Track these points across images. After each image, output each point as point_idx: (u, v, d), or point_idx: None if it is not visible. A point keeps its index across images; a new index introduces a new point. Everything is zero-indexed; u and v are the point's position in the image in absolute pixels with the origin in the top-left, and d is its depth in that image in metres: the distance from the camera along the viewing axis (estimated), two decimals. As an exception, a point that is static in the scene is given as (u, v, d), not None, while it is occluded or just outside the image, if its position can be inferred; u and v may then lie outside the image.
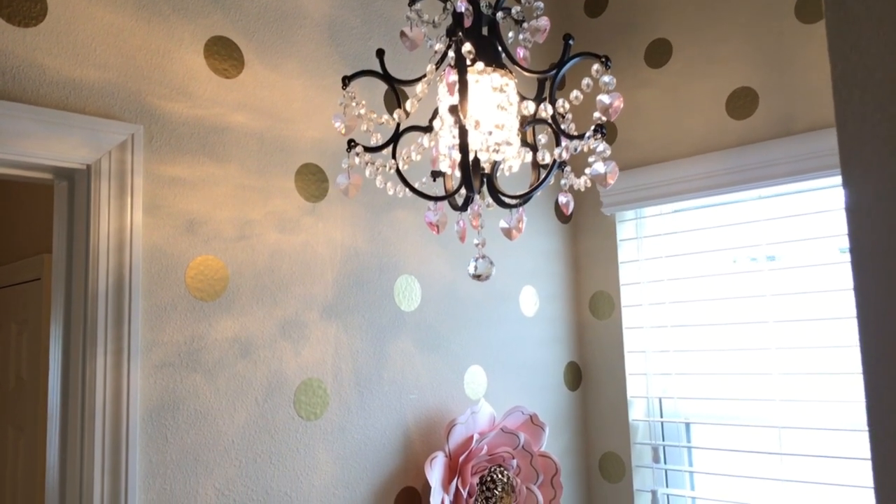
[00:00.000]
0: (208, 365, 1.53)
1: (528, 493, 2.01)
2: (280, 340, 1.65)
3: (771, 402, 2.03)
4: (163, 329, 1.47)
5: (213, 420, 1.52)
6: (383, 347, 1.85)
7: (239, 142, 1.64)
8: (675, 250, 2.28)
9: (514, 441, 2.00)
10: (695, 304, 2.23)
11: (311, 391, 1.69)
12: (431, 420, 1.94)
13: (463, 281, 2.07)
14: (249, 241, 1.63)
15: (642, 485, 2.29)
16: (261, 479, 1.58)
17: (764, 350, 2.06)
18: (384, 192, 1.91)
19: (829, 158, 1.90)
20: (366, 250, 1.85)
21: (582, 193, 2.46)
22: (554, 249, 2.39)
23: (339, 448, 1.72)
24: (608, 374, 2.36)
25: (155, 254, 1.48)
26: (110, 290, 1.38)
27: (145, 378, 1.43)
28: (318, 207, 1.76)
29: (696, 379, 2.21)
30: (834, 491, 1.93)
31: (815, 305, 2.00)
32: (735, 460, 2.13)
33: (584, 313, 2.44)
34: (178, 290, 1.50)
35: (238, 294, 1.60)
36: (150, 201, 1.48)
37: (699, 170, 2.14)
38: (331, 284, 1.76)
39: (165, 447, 1.45)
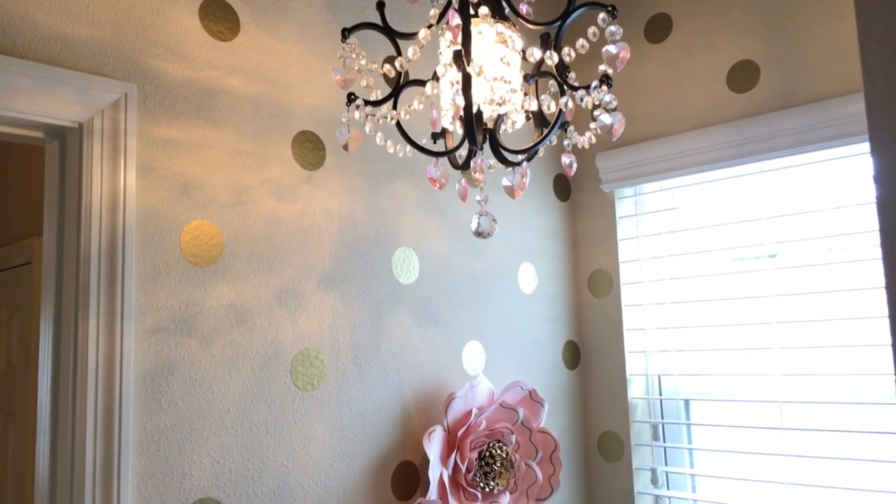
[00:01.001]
0: (203, 331, 1.50)
1: (526, 469, 1.99)
2: (277, 309, 1.62)
3: (771, 376, 2.02)
4: (157, 293, 1.44)
5: (209, 387, 1.49)
6: (381, 319, 1.82)
7: (234, 106, 1.60)
8: (674, 226, 2.26)
9: (513, 416, 1.97)
10: (694, 280, 2.21)
11: (309, 361, 1.66)
12: (429, 394, 1.91)
13: (462, 256, 2.05)
14: (245, 208, 1.60)
15: (641, 463, 2.27)
16: (257, 449, 1.55)
17: (764, 325, 2.04)
18: (382, 163, 1.88)
19: (832, 129, 1.89)
20: (363, 221, 1.82)
21: (581, 171, 2.44)
22: (553, 227, 2.36)
23: (336, 420, 1.70)
24: (607, 352, 2.34)
25: (149, 216, 1.44)
26: (103, 251, 1.34)
27: (139, 342, 1.40)
28: (314, 176, 1.73)
29: (695, 355, 2.19)
30: (836, 465, 1.91)
31: (817, 279, 1.98)
32: (735, 436, 2.12)
33: (582, 292, 2.41)
34: (173, 254, 1.47)
35: (234, 260, 1.56)
36: (143, 163, 1.44)
37: (700, 144, 2.12)
38: (328, 254, 1.73)
39: (160, 413, 1.41)
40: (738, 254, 2.14)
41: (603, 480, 2.31)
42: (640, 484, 2.25)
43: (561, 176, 2.42)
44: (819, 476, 1.94)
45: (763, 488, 2.04)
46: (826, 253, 1.97)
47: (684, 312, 2.23)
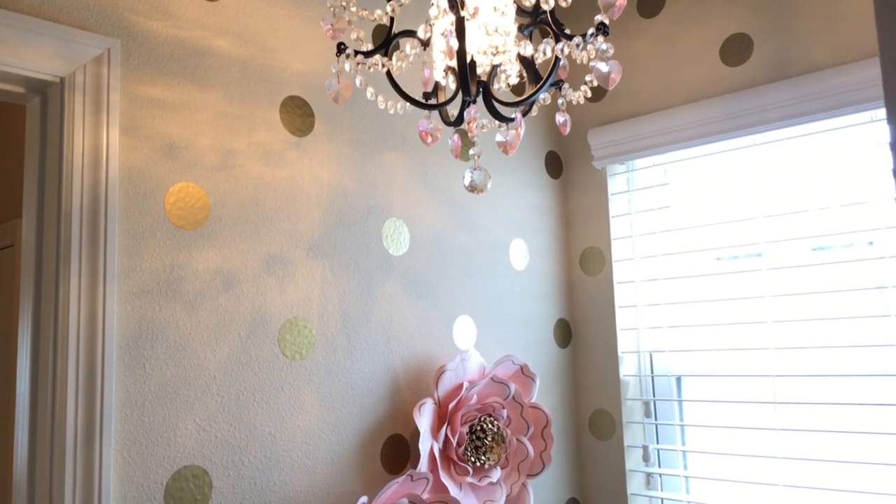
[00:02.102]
0: (189, 296, 1.46)
1: (518, 445, 1.97)
2: (264, 276, 1.59)
3: (765, 350, 2.00)
4: (141, 255, 1.40)
5: (194, 353, 1.45)
6: (371, 290, 1.79)
7: (221, 67, 1.57)
8: (666, 202, 2.25)
9: (504, 391, 1.95)
10: (687, 256, 2.19)
11: (297, 330, 1.63)
12: (420, 367, 1.88)
13: (453, 229, 2.02)
14: (232, 171, 1.56)
15: (633, 441, 2.25)
16: (244, 417, 1.51)
17: (757, 299, 2.03)
18: (372, 133, 1.85)
19: (826, 100, 1.87)
20: (353, 190, 1.79)
21: (572, 148, 2.41)
22: (544, 205, 2.34)
23: (325, 390, 1.66)
24: (598, 330, 2.32)
25: (132, 176, 1.40)
26: (85, 209, 1.30)
27: (122, 305, 1.36)
28: (303, 142, 1.70)
29: (687, 331, 2.18)
30: (830, 439, 1.90)
31: (811, 254, 1.97)
32: (728, 412, 2.10)
33: (574, 270, 2.39)
34: (157, 215, 1.43)
35: (220, 225, 1.53)
36: (127, 121, 1.40)
37: (693, 118, 2.10)
38: (317, 222, 1.70)
39: (144, 378, 1.38)
40: (731, 229, 2.12)
41: (594, 459, 2.29)
42: (631, 462, 2.23)
43: (552, 153, 2.40)
44: (813, 450, 1.93)
45: (756, 463, 2.02)
46: (820, 227, 1.96)
47: (676, 288, 2.21)
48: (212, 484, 1.44)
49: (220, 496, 1.45)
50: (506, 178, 2.21)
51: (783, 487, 1.95)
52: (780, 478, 1.96)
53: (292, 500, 1.57)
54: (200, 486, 1.43)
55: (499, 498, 1.89)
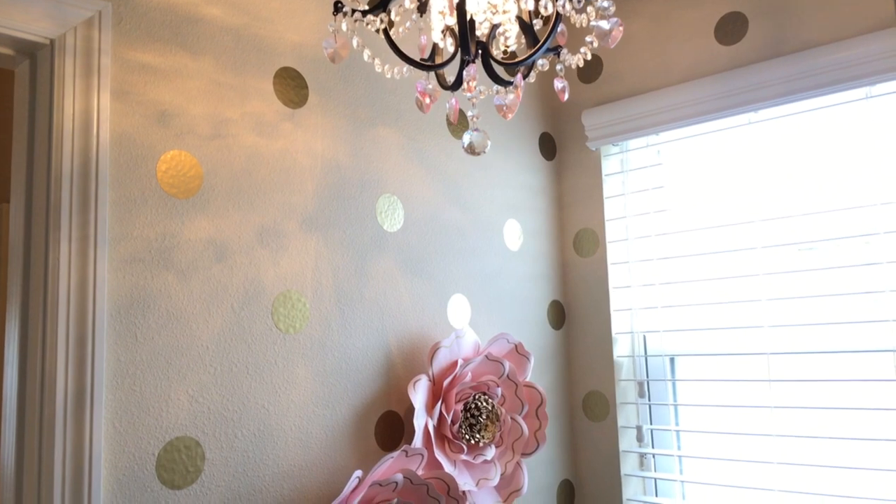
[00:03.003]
0: (181, 265, 1.44)
1: (512, 423, 1.95)
2: (258, 248, 1.57)
3: (759, 328, 2.00)
4: (132, 222, 1.38)
5: (187, 323, 1.43)
6: (365, 266, 1.77)
7: (213, 36, 1.54)
8: (660, 182, 2.24)
9: (498, 369, 1.93)
10: (681, 235, 2.19)
11: (291, 304, 1.61)
12: (414, 344, 1.87)
13: (447, 207, 2.01)
14: (225, 141, 1.54)
15: (627, 422, 2.24)
16: (237, 389, 1.49)
17: (752, 277, 2.03)
18: (367, 108, 1.83)
19: (821, 77, 1.87)
20: (347, 165, 1.77)
21: (566, 130, 2.40)
22: (538, 186, 2.33)
23: (318, 365, 1.64)
24: (592, 312, 2.31)
25: (124, 142, 1.38)
26: (75, 173, 1.28)
27: (113, 272, 1.34)
28: (297, 114, 1.68)
29: (682, 311, 2.17)
30: (825, 415, 1.90)
31: (805, 230, 1.97)
32: (723, 391, 2.10)
33: (567, 251, 2.38)
34: (149, 182, 1.41)
35: (213, 194, 1.51)
36: (118, 86, 1.38)
37: (687, 97, 2.10)
38: (311, 195, 1.68)
39: (135, 346, 1.35)
40: (725, 208, 2.12)
41: (588, 440, 2.28)
42: (625, 442, 2.23)
43: (546, 135, 2.39)
44: (807, 427, 1.93)
45: (750, 441, 2.02)
46: (815, 205, 1.96)
47: (671, 267, 2.21)
48: (204, 456, 1.42)
49: (213, 468, 1.43)
50: (499, 159, 2.20)
51: (778, 465, 1.95)
52: (774, 455, 1.96)
53: (286, 473, 1.55)
54: (193, 458, 1.40)
55: (493, 476, 1.88)
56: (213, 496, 1.42)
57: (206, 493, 1.41)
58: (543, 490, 2.17)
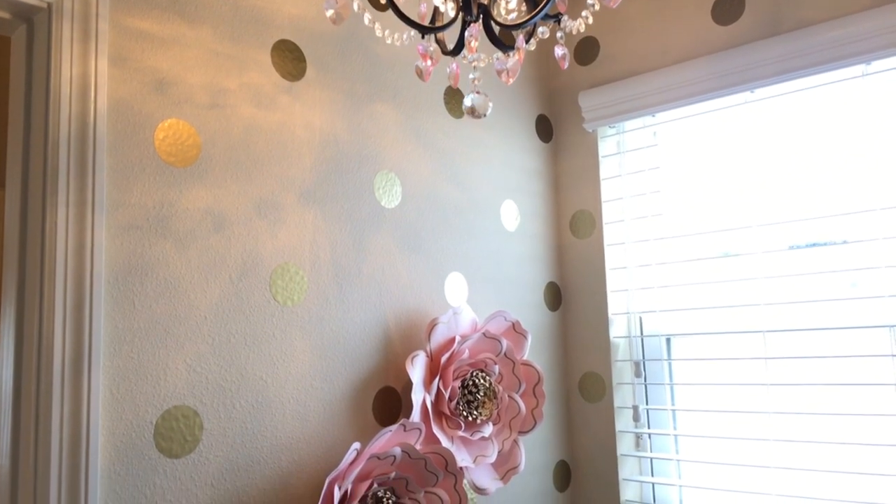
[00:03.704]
0: (179, 234, 1.43)
1: (510, 401, 1.95)
2: (255, 219, 1.56)
3: (755, 306, 2.00)
4: (130, 189, 1.37)
5: (185, 292, 1.42)
6: (363, 241, 1.77)
7: (211, 5, 1.54)
8: (657, 163, 2.24)
9: (496, 347, 1.93)
10: (677, 215, 2.19)
11: (289, 276, 1.60)
12: (412, 321, 1.86)
13: (445, 185, 2.00)
14: (223, 111, 1.53)
15: (623, 402, 2.25)
16: (235, 360, 1.49)
17: (749, 255, 2.03)
18: (364, 83, 1.82)
19: (817, 55, 1.88)
20: (345, 140, 1.76)
21: (563, 112, 2.40)
22: (535, 168, 2.33)
23: (316, 338, 1.64)
24: (589, 294, 2.31)
25: (121, 108, 1.37)
26: (73, 138, 1.27)
27: (111, 238, 1.33)
28: (295, 87, 1.67)
29: (678, 291, 2.18)
30: (819, 392, 1.91)
31: (801, 209, 1.98)
32: (718, 370, 2.10)
33: (564, 233, 2.38)
34: (147, 150, 1.40)
35: (211, 164, 1.50)
36: (116, 53, 1.37)
37: (684, 77, 2.10)
38: (309, 169, 1.67)
39: (133, 314, 1.34)
40: (721, 188, 2.12)
41: (584, 421, 2.29)
42: (621, 423, 2.23)
43: (543, 117, 2.39)
44: (803, 404, 1.93)
45: (746, 419, 2.03)
46: (811, 182, 1.97)
47: (667, 249, 2.21)
48: (202, 425, 1.41)
49: (211, 438, 1.42)
50: (496, 141, 2.20)
51: (774, 442, 1.95)
52: (770, 433, 1.96)
53: (284, 446, 1.54)
54: (191, 427, 1.40)
55: (490, 453, 1.88)
56: (211, 466, 1.41)
57: (204, 462, 1.41)
58: (539, 471, 2.17)
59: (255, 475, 1.48)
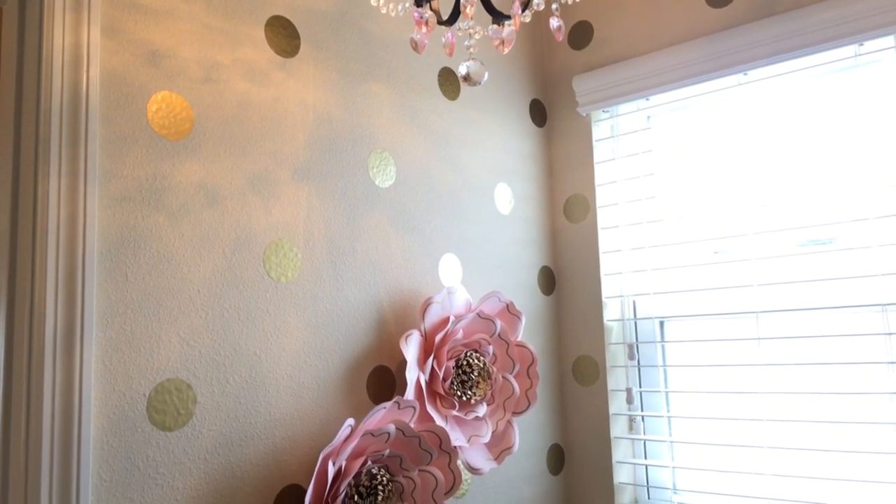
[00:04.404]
0: (172, 207, 1.42)
1: (504, 382, 1.95)
2: (249, 195, 1.55)
3: (749, 287, 2.01)
4: (122, 161, 1.36)
5: (178, 266, 1.42)
6: (357, 220, 1.76)
7: (205, -21, 1.53)
8: (651, 146, 2.25)
9: (490, 328, 1.93)
10: (671, 198, 2.20)
11: (283, 252, 1.60)
12: (406, 301, 1.86)
13: (439, 167, 2.00)
14: (216, 86, 1.52)
15: (616, 385, 2.25)
16: (228, 335, 1.48)
17: (741, 237, 2.04)
18: (358, 62, 1.82)
19: (810, 36, 1.88)
20: (339, 118, 1.76)
21: (556, 97, 2.41)
22: (529, 152, 2.33)
23: (310, 315, 1.63)
24: (582, 277, 2.31)
25: (114, 80, 1.36)
26: (65, 107, 1.26)
27: (103, 209, 1.32)
28: (288, 64, 1.67)
29: (672, 273, 2.18)
30: (812, 371, 1.92)
31: (792, 190, 1.98)
32: (712, 351, 2.11)
33: (558, 218, 2.38)
34: (139, 122, 1.39)
35: (204, 138, 1.49)
36: (108, 24, 1.36)
37: (677, 59, 2.11)
38: (302, 146, 1.67)
39: (125, 285, 1.34)
40: (715, 170, 2.13)
41: (578, 405, 2.29)
42: (615, 406, 2.23)
43: (537, 101, 2.39)
44: (796, 384, 1.94)
45: (740, 400, 2.03)
46: (803, 164, 1.98)
47: (661, 231, 2.22)
48: (196, 399, 1.41)
49: (205, 412, 1.42)
50: (490, 125, 2.19)
51: (767, 422, 1.96)
52: (763, 413, 1.97)
53: (278, 421, 1.54)
54: (184, 401, 1.39)
55: (485, 433, 1.88)
56: (204, 440, 1.41)
57: (197, 436, 1.40)
58: (533, 454, 2.17)
59: (249, 450, 1.48)
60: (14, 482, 1.20)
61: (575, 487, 2.27)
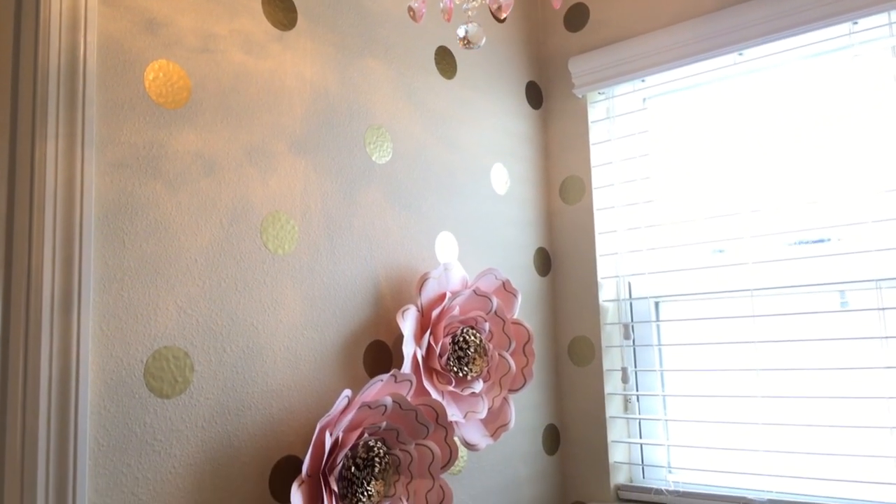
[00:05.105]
0: (169, 175, 1.42)
1: (500, 360, 1.95)
2: (246, 166, 1.55)
3: (744, 265, 2.02)
4: (120, 127, 1.35)
5: (175, 234, 1.41)
6: (353, 194, 1.76)
7: (203, -51, 1.53)
8: (646, 126, 2.26)
9: (486, 305, 1.93)
10: (666, 178, 2.20)
11: (280, 225, 1.59)
12: (402, 277, 1.86)
13: (435, 145, 2.00)
14: (213, 56, 1.52)
15: (612, 365, 2.25)
16: (225, 305, 1.48)
17: (735, 216, 2.05)
18: (355, 37, 1.82)
19: (805, 14, 1.89)
20: (336, 93, 1.76)
21: (552, 79, 2.41)
22: (525, 133, 2.33)
23: (307, 288, 1.63)
24: (578, 259, 2.32)
25: (111, 45, 1.36)
26: (62, 70, 1.25)
27: (101, 175, 1.31)
28: (285, 37, 1.66)
29: (667, 253, 2.19)
30: (806, 347, 1.93)
31: (786, 169, 2.00)
32: (706, 330, 2.11)
33: (554, 199, 2.39)
34: (137, 89, 1.39)
35: (201, 108, 1.49)
36: (105, -10, 1.36)
37: (672, 39, 2.11)
38: (299, 119, 1.67)
39: (122, 252, 1.33)
40: (710, 150, 2.14)
41: (573, 385, 2.29)
42: (610, 386, 2.24)
43: (533, 84, 2.40)
44: (789, 360, 1.95)
45: (734, 377, 2.04)
46: (799, 142, 1.99)
47: (656, 212, 2.22)
48: (193, 367, 1.40)
49: (202, 381, 1.41)
50: (487, 105, 2.20)
51: (762, 399, 1.97)
52: (758, 390, 1.98)
53: (275, 392, 1.53)
54: (181, 369, 1.39)
55: (481, 409, 1.88)
56: (202, 408, 1.41)
57: (194, 404, 1.40)
58: (528, 433, 2.17)
59: (246, 420, 1.47)
60: (10, 445, 1.19)
61: (570, 467, 2.27)
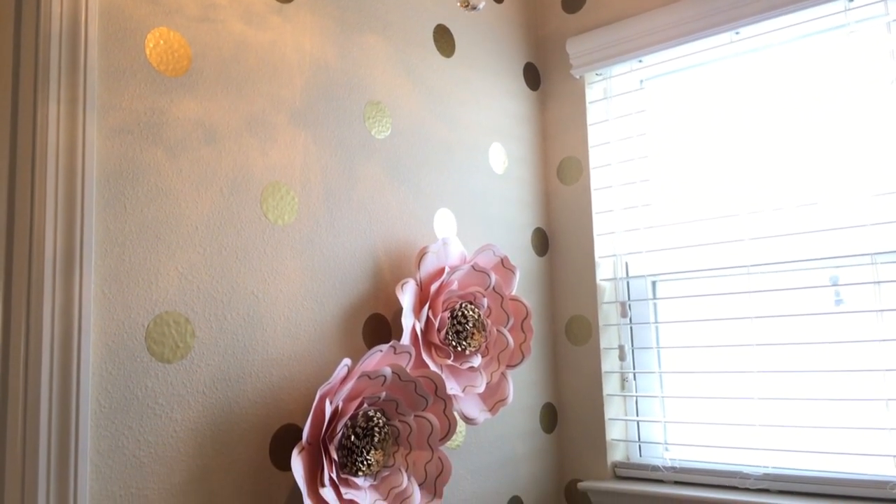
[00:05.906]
0: (170, 142, 1.42)
1: (498, 335, 1.96)
2: (246, 136, 1.56)
3: (740, 242, 2.03)
4: (121, 93, 1.36)
5: (176, 201, 1.42)
6: (353, 168, 1.77)
7: (203, -81, 1.53)
8: (643, 106, 2.27)
9: (485, 280, 1.94)
10: (663, 157, 2.22)
11: (280, 195, 1.60)
12: (401, 251, 1.87)
13: (434, 122, 2.01)
14: (214, 25, 1.52)
15: (609, 343, 2.27)
16: (226, 273, 1.48)
17: (731, 193, 2.06)
18: (354, 12, 1.82)
19: (802, -9, 1.91)
20: (336, 67, 1.76)
21: (550, 60, 2.42)
22: (523, 114, 2.34)
23: (307, 259, 1.64)
24: (575, 239, 2.33)
25: (112, 12, 1.36)
26: (64, 34, 1.26)
27: (102, 140, 1.32)
28: (285, 9, 1.67)
29: (664, 231, 2.20)
30: (802, 322, 1.94)
31: (783, 147, 2.01)
32: (703, 307, 2.13)
33: (551, 180, 2.40)
34: (138, 56, 1.39)
35: (202, 76, 1.49)
36: (107, -44, 1.36)
37: (669, 19, 2.12)
38: (299, 91, 1.67)
39: (124, 216, 1.34)
40: (706, 130, 2.15)
41: (571, 364, 2.30)
42: (607, 364, 2.25)
43: (531, 65, 2.41)
44: (785, 336, 1.96)
45: (730, 353, 2.06)
46: (792, 123, 2.00)
47: (653, 191, 2.23)
48: (194, 333, 1.41)
49: (203, 347, 1.42)
50: (485, 86, 2.20)
51: (758, 374, 1.98)
52: (754, 365, 1.99)
53: (275, 361, 1.54)
54: (182, 334, 1.39)
55: (479, 383, 1.89)
56: (202, 374, 1.41)
57: (195, 369, 1.40)
58: (526, 411, 2.18)
59: (247, 387, 1.48)
60: (12, 408, 1.20)
61: (568, 445, 2.28)
